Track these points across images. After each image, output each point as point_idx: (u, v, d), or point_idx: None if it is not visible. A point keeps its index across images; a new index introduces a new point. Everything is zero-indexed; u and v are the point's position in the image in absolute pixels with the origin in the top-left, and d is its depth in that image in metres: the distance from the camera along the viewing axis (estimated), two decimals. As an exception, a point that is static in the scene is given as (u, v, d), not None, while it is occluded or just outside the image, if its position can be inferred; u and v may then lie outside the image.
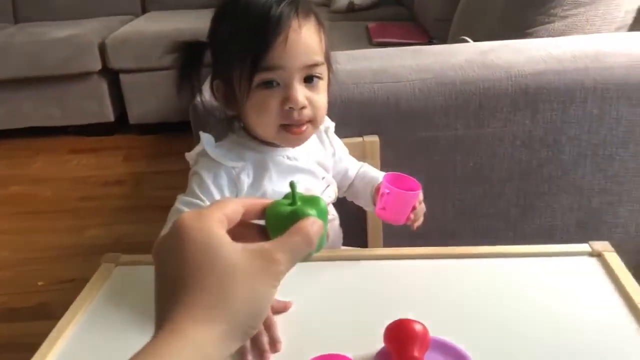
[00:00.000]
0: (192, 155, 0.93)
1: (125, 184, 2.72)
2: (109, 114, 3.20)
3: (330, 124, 1.03)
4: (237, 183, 0.89)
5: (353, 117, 1.17)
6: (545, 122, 1.18)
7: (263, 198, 0.48)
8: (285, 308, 0.79)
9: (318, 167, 0.98)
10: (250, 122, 0.90)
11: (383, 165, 1.19)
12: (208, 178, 0.88)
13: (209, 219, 0.42)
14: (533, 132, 1.19)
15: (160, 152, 3.03)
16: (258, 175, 0.91)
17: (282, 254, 0.42)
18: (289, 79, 0.84)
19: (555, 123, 1.18)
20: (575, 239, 0.91)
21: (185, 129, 1.20)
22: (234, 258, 0.41)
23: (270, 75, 0.84)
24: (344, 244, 1.08)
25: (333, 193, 1.01)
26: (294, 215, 0.46)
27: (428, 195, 0.97)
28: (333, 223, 1.04)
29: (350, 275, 0.86)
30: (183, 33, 2.98)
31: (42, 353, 0.72)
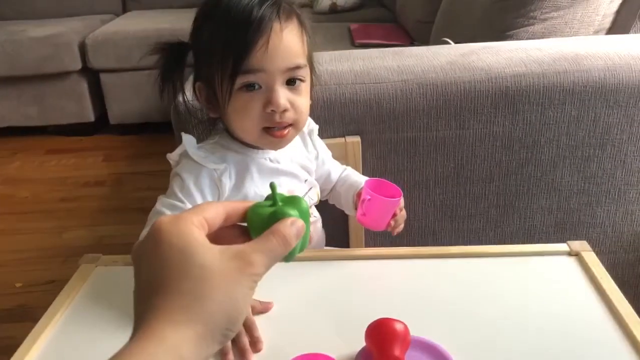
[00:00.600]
0: (173, 156, 0.92)
1: (106, 185, 2.69)
2: (89, 114, 3.17)
3: (314, 127, 1.03)
4: (218, 185, 0.89)
5: (335, 117, 1.18)
6: (525, 123, 1.19)
7: (245, 200, 0.48)
8: (266, 309, 0.79)
9: (301, 169, 0.98)
10: (232, 124, 0.89)
11: (364, 166, 1.20)
12: (189, 180, 0.87)
13: (187, 223, 0.42)
14: (513, 133, 1.20)
15: (141, 152, 3.01)
16: (240, 178, 0.91)
17: (258, 256, 0.42)
18: (271, 82, 0.84)
19: (535, 125, 1.19)
20: (554, 239, 0.92)
21: (167, 130, 1.19)
22: (210, 261, 0.41)
23: (252, 78, 0.83)
24: (327, 245, 1.09)
25: (315, 195, 1.01)
26: (275, 216, 0.46)
27: (409, 196, 0.98)
28: (316, 225, 1.04)
29: (332, 276, 0.86)
30: (164, 33, 3.00)
31: (19, 355, 0.71)
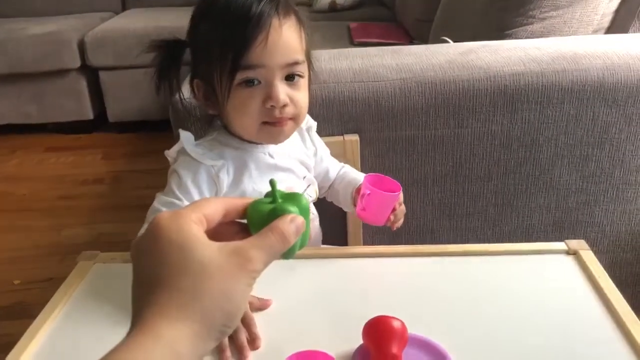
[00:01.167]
0: (171, 153, 0.92)
1: (104, 183, 2.69)
2: (88, 112, 3.16)
3: (313, 124, 1.03)
4: (216, 182, 0.89)
5: (333, 115, 1.18)
6: (523, 122, 1.19)
7: (244, 197, 0.48)
8: (265, 306, 0.79)
9: (299, 165, 0.98)
10: (231, 121, 0.89)
11: (363, 164, 1.20)
12: (187, 177, 0.87)
13: (185, 219, 0.42)
14: (511, 132, 1.20)
15: (140, 150, 3.00)
16: (238, 174, 0.91)
17: (256, 252, 0.42)
18: (270, 78, 0.84)
19: (533, 123, 1.20)
20: (552, 238, 0.92)
21: (166, 127, 1.19)
22: (209, 257, 0.41)
23: (251, 74, 0.83)
24: (324, 243, 1.09)
25: (314, 192, 1.01)
26: (274, 213, 0.45)
27: (407, 194, 0.98)
28: (313, 222, 1.04)
29: (330, 273, 0.86)
30: (164, 31, 2.96)
31: (17, 352, 0.71)
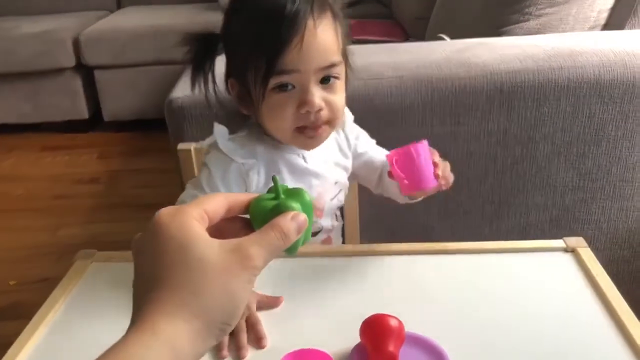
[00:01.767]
0: (205, 145, 0.91)
1: (100, 182, 2.68)
2: (83, 111, 3.15)
3: (348, 117, 0.99)
4: (246, 180, 0.87)
5: (330, 114, 1.17)
6: (520, 119, 1.19)
7: (247, 193, 0.48)
8: (275, 304, 0.78)
9: (333, 169, 0.96)
10: (266, 123, 0.87)
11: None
12: (216, 174, 0.86)
13: (186, 216, 0.42)
14: (508, 129, 1.20)
15: (136, 149, 3.00)
16: (269, 176, 0.88)
17: (256, 249, 0.42)
18: (305, 82, 0.81)
19: (530, 121, 1.20)
20: (549, 236, 0.92)
21: (161, 126, 1.19)
22: (209, 254, 0.40)
23: (286, 79, 0.81)
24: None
25: (343, 197, 0.99)
26: (277, 210, 0.45)
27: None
28: (337, 230, 1.02)
29: (327, 271, 0.86)
30: (159, 29, 3.00)
31: (13, 352, 0.70)
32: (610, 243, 1.32)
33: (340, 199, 0.98)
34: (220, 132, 0.88)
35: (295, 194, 0.48)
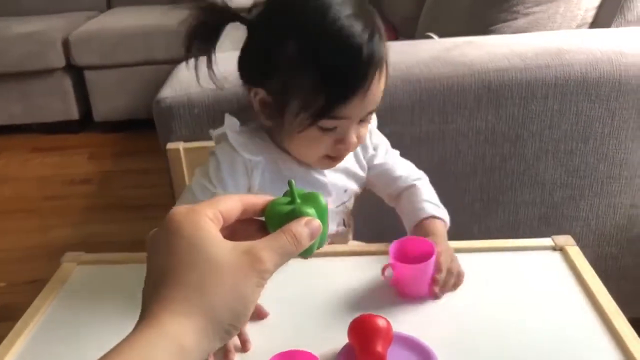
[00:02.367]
0: (215, 134, 0.91)
1: (91, 183, 2.67)
2: (74, 112, 3.14)
3: (373, 122, 0.96)
4: (249, 177, 0.87)
5: (319, 113, 1.17)
6: (508, 117, 1.20)
7: (263, 195, 0.47)
8: (260, 315, 0.77)
9: (345, 178, 0.95)
10: (290, 145, 0.86)
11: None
12: (224, 164, 0.86)
13: (201, 215, 0.42)
14: (496, 127, 1.20)
15: (127, 150, 2.98)
16: (271, 181, 0.88)
17: (268, 253, 0.42)
18: (349, 126, 0.82)
19: (518, 119, 1.20)
20: (538, 233, 0.92)
21: (153, 126, 1.18)
22: (220, 255, 0.40)
23: (334, 124, 0.80)
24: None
25: (352, 204, 0.99)
26: (292, 215, 0.45)
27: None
28: (347, 236, 1.02)
29: (316, 272, 0.86)
30: (149, 29, 2.99)
31: (-1, 355, 0.70)
32: (599, 240, 1.33)
33: (348, 206, 0.98)
34: (231, 123, 0.87)
35: (311, 199, 0.47)
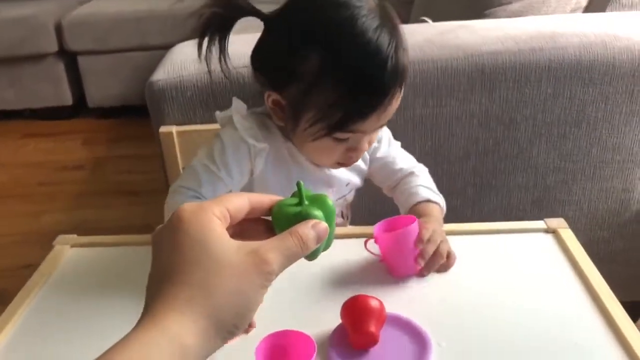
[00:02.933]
0: (221, 117, 0.90)
1: (85, 169, 2.66)
2: (67, 97, 3.12)
3: None
4: (252, 162, 0.87)
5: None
6: (501, 101, 1.20)
7: (270, 195, 0.47)
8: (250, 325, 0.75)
9: (348, 172, 0.95)
10: (305, 151, 0.87)
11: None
12: (229, 148, 0.86)
13: (208, 213, 0.42)
14: (489, 111, 1.20)
15: (121, 135, 2.97)
16: (275, 169, 0.88)
17: (274, 254, 0.41)
18: (363, 137, 0.82)
19: (511, 102, 1.20)
20: (531, 217, 0.93)
21: (146, 112, 1.18)
22: (225, 254, 0.40)
23: (349, 136, 0.81)
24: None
25: (352, 196, 0.99)
26: (300, 217, 0.45)
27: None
28: (345, 225, 1.03)
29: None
30: (141, 14, 2.96)
31: (-9, 338, 0.70)
32: (591, 224, 1.33)
33: (348, 199, 0.98)
34: (238, 107, 0.87)
35: (319, 201, 0.47)
